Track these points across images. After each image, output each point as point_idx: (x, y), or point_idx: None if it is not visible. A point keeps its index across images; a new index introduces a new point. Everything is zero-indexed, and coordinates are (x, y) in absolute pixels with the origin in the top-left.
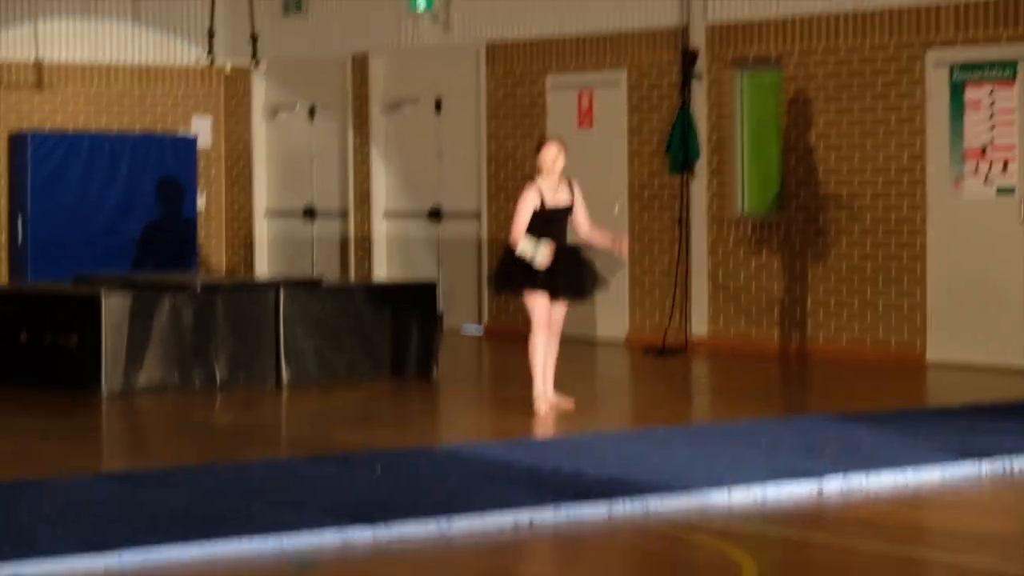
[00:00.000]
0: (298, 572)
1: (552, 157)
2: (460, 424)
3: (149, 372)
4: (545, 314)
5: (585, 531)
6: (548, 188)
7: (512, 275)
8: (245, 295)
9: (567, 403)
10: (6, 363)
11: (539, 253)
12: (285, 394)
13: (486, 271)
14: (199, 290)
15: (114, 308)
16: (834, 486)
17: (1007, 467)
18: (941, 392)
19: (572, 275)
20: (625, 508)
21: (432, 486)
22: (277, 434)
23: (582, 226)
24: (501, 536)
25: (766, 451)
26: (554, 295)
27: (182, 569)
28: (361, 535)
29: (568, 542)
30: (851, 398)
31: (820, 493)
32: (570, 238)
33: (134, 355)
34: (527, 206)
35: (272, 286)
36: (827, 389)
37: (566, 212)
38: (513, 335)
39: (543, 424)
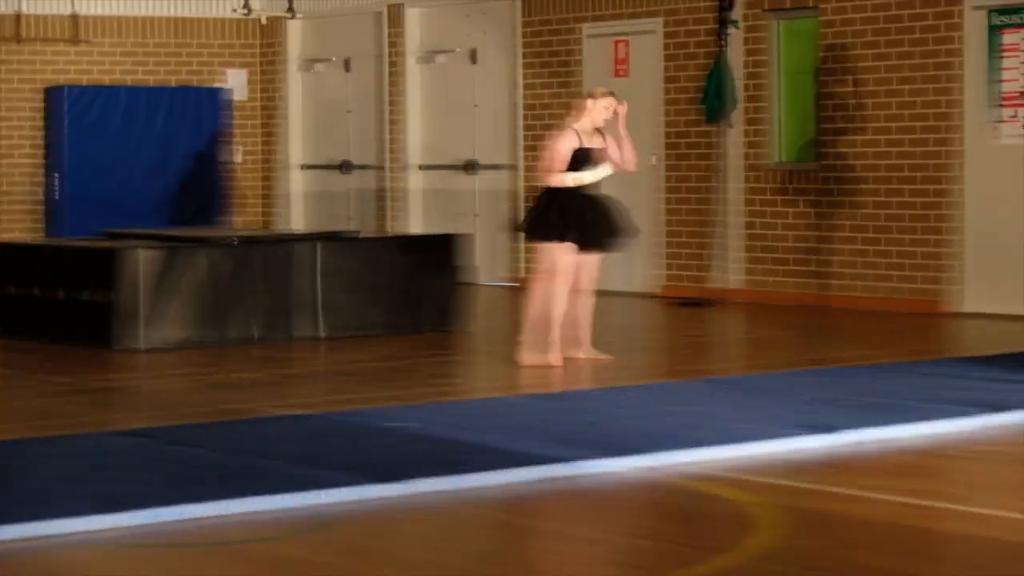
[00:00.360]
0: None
1: (612, 109)
2: (488, 377)
3: (184, 328)
4: (572, 267)
5: (602, 485)
6: (584, 132)
7: (541, 223)
8: (281, 249)
9: (606, 358)
10: (41, 319)
11: (601, 170)
12: (313, 348)
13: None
14: (235, 244)
15: (149, 263)
16: (853, 438)
17: None
18: (971, 343)
19: (602, 224)
20: (641, 462)
21: (450, 441)
22: (300, 389)
23: (628, 163)
24: (521, 492)
25: (795, 403)
26: (586, 246)
27: (197, 526)
28: (379, 492)
29: (585, 496)
30: (877, 348)
31: (841, 444)
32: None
33: (168, 311)
34: (565, 146)
35: (309, 239)
36: (855, 340)
37: (601, 156)
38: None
39: (566, 375)
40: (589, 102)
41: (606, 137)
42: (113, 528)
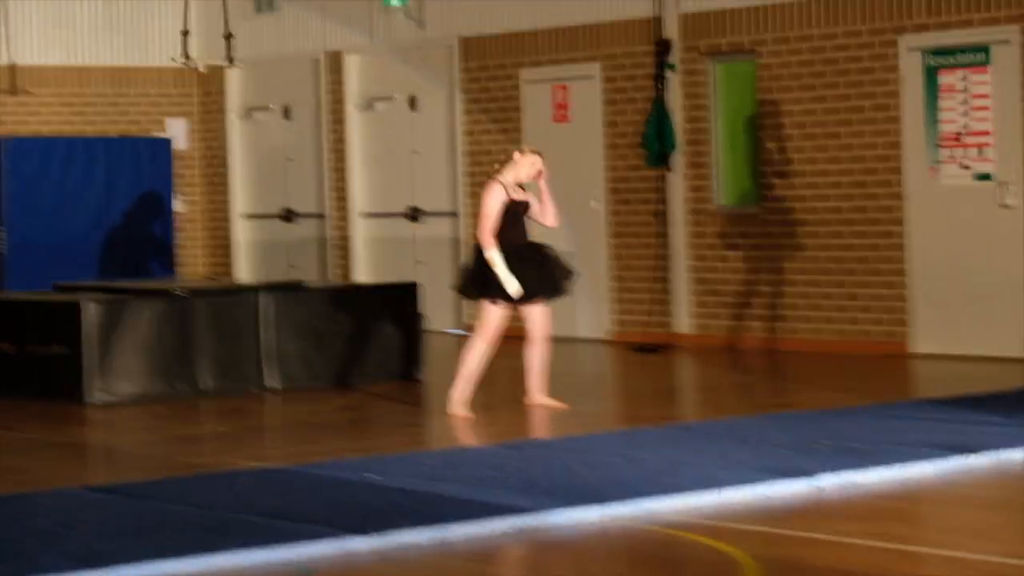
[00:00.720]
0: None
1: (537, 168)
2: (449, 427)
3: (132, 381)
4: (496, 325)
5: (580, 534)
6: (510, 185)
7: (478, 281)
8: (229, 300)
9: (560, 406)
10: None
11: (512, 285)
12: (270, 400)
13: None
14: (182, 296)
15: (94, 316)
16: (827, 482)
17: (998, 460)
18: (927, 384)
19: (535, 275)
20: (619, 510)
21: (426, 492)
22: (264, 442)
23: (548, 218)
24: (496, 541)
25: (755, 448)
26: (529, 299)
27: None
28: (358, 544)
29: (563, 545)
30: (836, 392)
31: (813, 490)
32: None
33: (116, 364)
34: (495, 203)
35: (254, 290)
36: (812, 383)
37: (526, 207)
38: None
39: (531, 425)
40: (516, 155)
41: (528, 192)
42: None
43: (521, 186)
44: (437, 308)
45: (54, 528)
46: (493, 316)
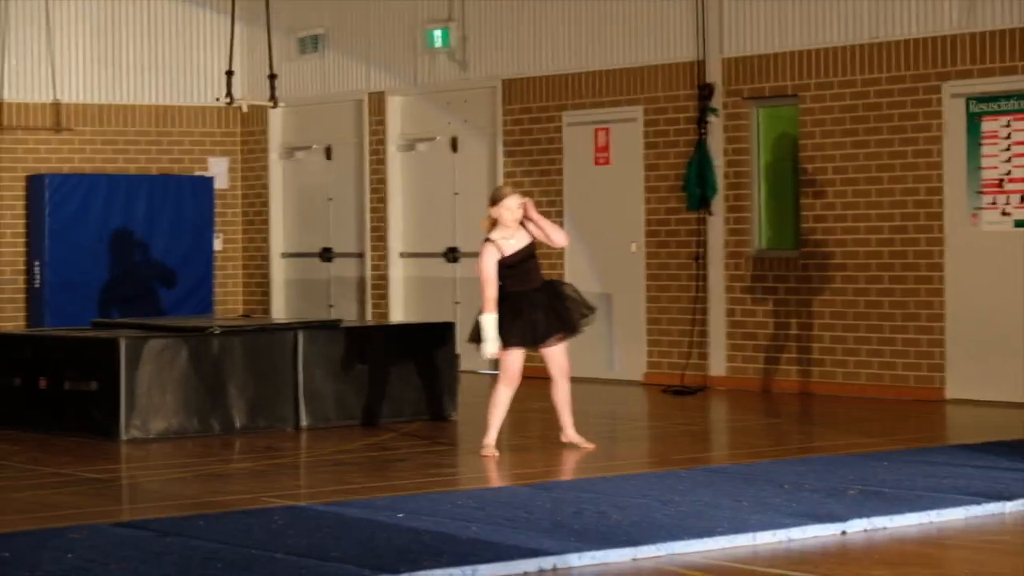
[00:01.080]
0: None
1: (516, 208)
2: (479, 468)
3: (168, 418)
4: (517, 370)
5: (610, 575)
6: (504, 238)
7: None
8: (264, 338)
9: (587, 445)
10: (25, 408)
11: (490, 344)
12: (304, 438)
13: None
14: (217, 333)
15: (132, 353)
16: (858, 527)
17: None
18: (961, 430)
19: (553, 315)
20: (649, 552)
21: (455, 532)
22: (297, 480)
23: (554, 239)
24: None
25: (788, 492)
26: (535, 343)
27: None
28: None
29: None
30: (871, 436)
31: (844, 534)
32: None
33: (153, 401)
34: (490, 266)
35: (291, 329)
36: (847, 428)
37: (531, 250)
38: (528, 376)
39: (563, 466)
40: (493, 210)
41: (528, 227)
42: None
43: (523, 224)
44: (473, 348)
45: (85, 565)
46: (511, 361)
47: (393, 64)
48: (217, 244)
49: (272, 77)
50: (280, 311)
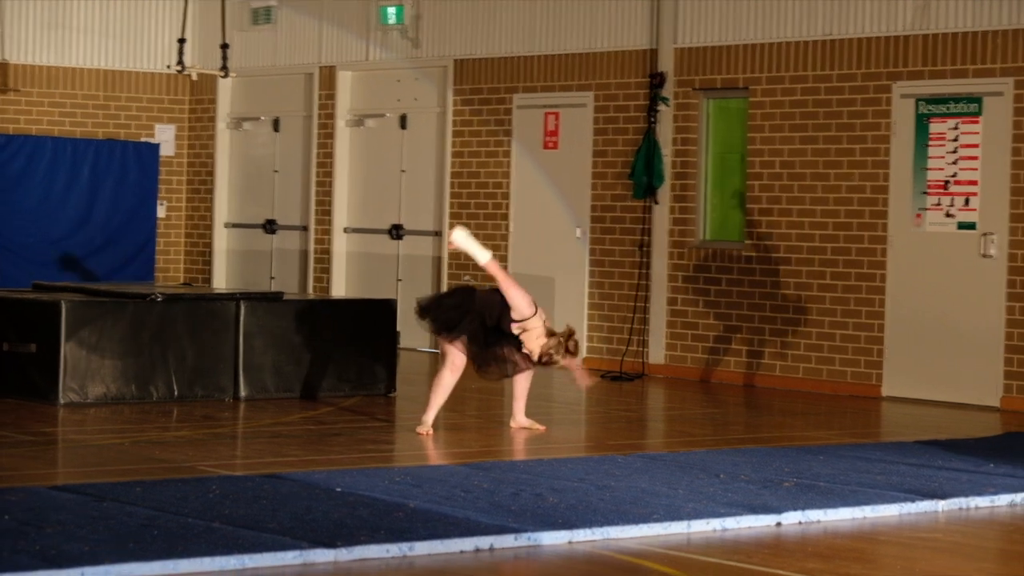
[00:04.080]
0: None
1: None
2: (418, 445)
3: (106, 383)
4: (464, 360)
5: (545, 557)
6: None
7: (452, 318)
8: (205, 307)
9: (538, 427)
10: None
11: (482, 252)
12: (242, 409)
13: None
14: (159, 301)
15: (73, 317)
16: (792, 519)
17: (961, 506)
18: (897, 428)
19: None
20: (585, 536)
21: (392, 508)
22: (234, 450)
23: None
24: (462, 561)
25: (724, 482)
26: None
27: None
28: (321, 557)
29: (526, 568)
30: (807, 430)
31: (778, 526)
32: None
33: (92, 366)
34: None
35: (232, 299)
36: (783, 421)
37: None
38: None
39: (501, 447)
40: (557, 353)
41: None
42: None
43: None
44: (414, 326)
45: (21, 527)
46: (460, 354)
47: (345, 39)
48: (161, 211)
49: (224, 47)
50: (221, 281)
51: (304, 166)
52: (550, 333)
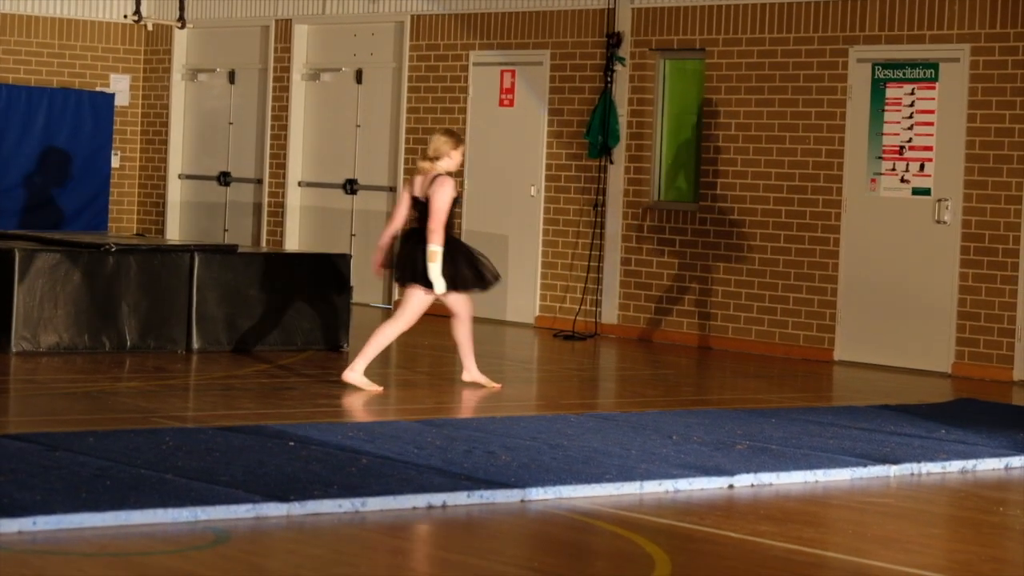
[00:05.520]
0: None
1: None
2: (371, 401)
3: (59, 332)
4: (422, 312)
5: (498, 515)
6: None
7: (410, 267)
8: (159, 258)
9: (493, 385)
10: None
11: (442, 284)
12: (195, 361)
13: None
14: (113, 251)
15: (27, 265)
16: (744, 482)
17: (912, 472)
18: (850, 392)
19: (474, 268)
20: (538, 495)
21: (345, 463)
22: (187, 402)
23: None
24: (414, 517)
25: (677, 444)
26: (462, 290)
27: (95, 535)
28: (273, 510)
29: (477, 526)
30: (759, 393)
31: (731, 488)
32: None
33: (44, 314)
34: (449, 198)
35: (187, 250)
36: (735, 383)
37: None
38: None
39: (454, 404)
40: (455, 152)
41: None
42: (1, 533)
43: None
44: (367, 281)
45: None
46: (420, 302)
47: None
48: (115, 161)
49: None
50: (175, 233)
51: (259, 119)
52: None
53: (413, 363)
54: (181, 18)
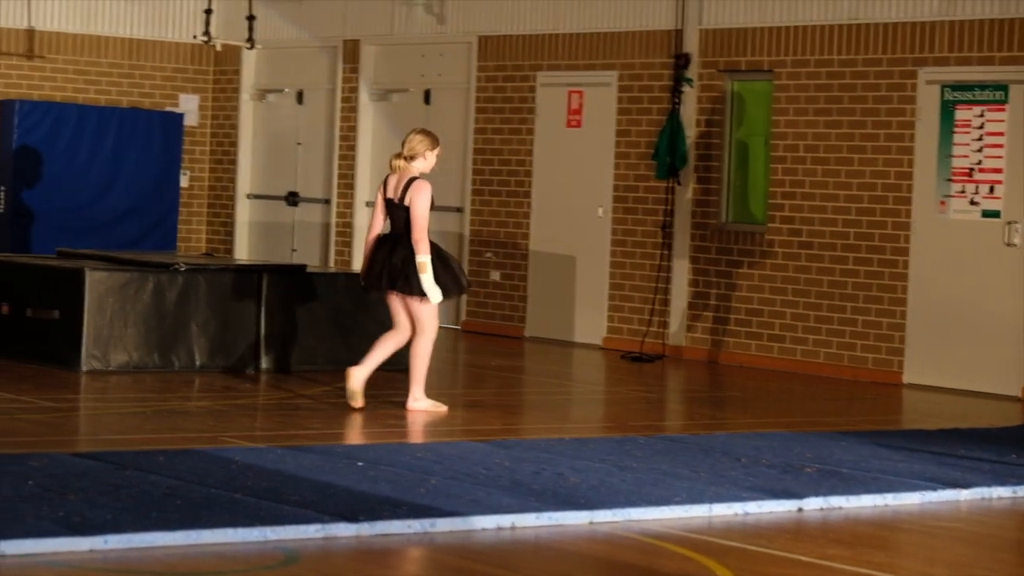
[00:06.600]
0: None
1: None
2: (439, 420)
3: (128, 351)
4: (436, 316)
5: (566, 538)
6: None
7: (409, 277)
8: (228, 278)
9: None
10: None
11: (437, 294)
12: (264, 381)
13: (467, 267)
14: (182, 270)
15: (98, 285)
16: (814, 505)
17: (982, 496)
18: (919, 416)
19: (453, 273)
20: (606, 517)
21: (414, 484)
22: (256, 421)
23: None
24: (483, 539)
25: (745, 466)
26: (447, 296)
27: (166, 554)
28: (342, 531)
29: (546, 547)
30: (827, 416)
31: (800, 511)
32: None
33: (114, 333)
34: (428, 203)
35: (256, 270)
36: (804, 406)
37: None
38: (489, 331)
39: (522, 425)
40: (431, 153)
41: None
42: (72, 552)
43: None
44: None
45: (44, 493)
46: (430, 310)
47: (370, 13)
48: (183, 181)
49: (250, 18)
50: (243, 252)
51: (327, 139)
52: None
53: (480, 384)
54: (250, 39)
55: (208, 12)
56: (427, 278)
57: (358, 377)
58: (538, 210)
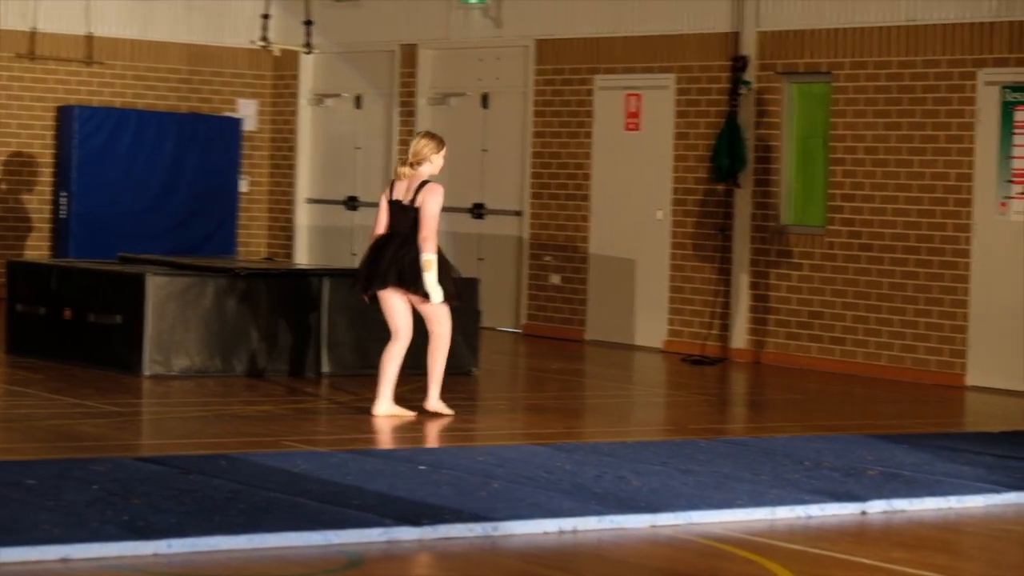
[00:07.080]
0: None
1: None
2: (499, 424)
3: (190, 356)
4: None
5: (628, 541)
6: None
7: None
8: (289, 283)
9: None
10: (48, 338)
11: (439, 293)
12: (325, 385)
13: (526, 271)
14: (243, 275)
15: (159, 290)
16: (877, 508)
17: None
18: (981, 418)
19: (452, 281)
20: (668, 520)
21: (476, 488)
22: (318, 426)
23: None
24: (545, 542)
25: (808, 469)
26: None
27: (229, 558)
28: (405, 535)
29: (609, 550)
30: (889, 418)
31: (864, 514)
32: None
33: (176, 338)
34: (440, 206)
35: (316, 275)
36: (866, 408)
37: None
38: (543, 335)
39: (583, 428)
40: (438, 156)
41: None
42: (137, 556)
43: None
44: (494, 305)
45: (108, 498)
46: (442, 311)
47: (427, 17)
48: (243, 186)
49: (308, 23)
50: (302, 257)
51: (385, 143)
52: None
53: (541, 387)
54: (308, 44)
55: (266, 17)
56: (431, 276)
57: (383, 409)
58: (597, 213)
